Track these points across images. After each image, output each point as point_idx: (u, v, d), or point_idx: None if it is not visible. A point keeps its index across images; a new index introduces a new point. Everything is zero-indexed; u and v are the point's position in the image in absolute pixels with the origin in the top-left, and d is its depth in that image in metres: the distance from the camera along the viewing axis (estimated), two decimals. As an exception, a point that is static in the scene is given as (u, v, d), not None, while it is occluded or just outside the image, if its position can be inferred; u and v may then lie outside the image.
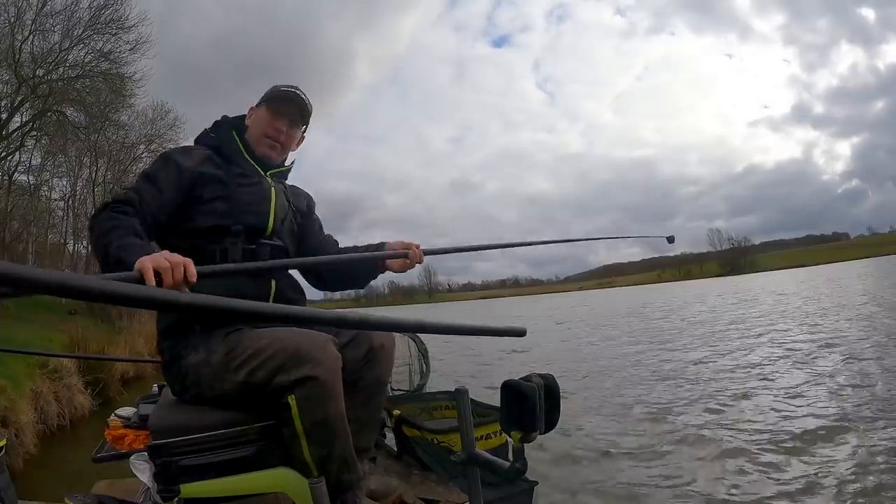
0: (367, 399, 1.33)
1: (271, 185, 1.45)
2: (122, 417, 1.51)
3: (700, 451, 3.88)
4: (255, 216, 1.37)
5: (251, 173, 1.43)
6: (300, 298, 1.44)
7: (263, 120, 1.47)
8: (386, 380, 1.41)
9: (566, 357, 9.25)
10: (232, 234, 1.32)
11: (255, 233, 1.36)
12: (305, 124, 1.53)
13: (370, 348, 1.32)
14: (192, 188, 1.33)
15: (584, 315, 16.13)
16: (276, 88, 1.49)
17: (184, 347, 1.26)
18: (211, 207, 1.33)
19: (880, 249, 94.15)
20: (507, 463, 0.93)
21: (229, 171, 1.39)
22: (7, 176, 13.18)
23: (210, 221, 1.32)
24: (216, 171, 1.37)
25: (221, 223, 1.32)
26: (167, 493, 1.15)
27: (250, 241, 1.34)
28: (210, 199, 1.33)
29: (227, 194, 1.35)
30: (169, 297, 0.44)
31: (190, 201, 1.33)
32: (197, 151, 1.41)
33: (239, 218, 1.34)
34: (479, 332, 0.79)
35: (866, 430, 3.77)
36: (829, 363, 6.32)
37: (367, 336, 1.33)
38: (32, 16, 11.92)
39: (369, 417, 1.36)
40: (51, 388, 5.91)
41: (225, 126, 1.49)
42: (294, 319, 0.54)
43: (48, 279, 0.36)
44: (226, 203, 1.34)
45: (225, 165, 1.40)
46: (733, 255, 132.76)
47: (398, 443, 2.08)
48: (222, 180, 1.36)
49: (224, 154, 1.42)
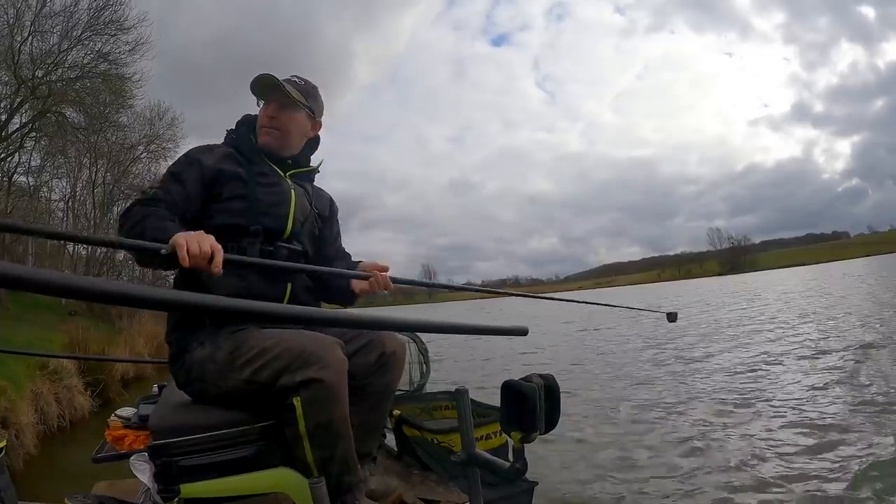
0: (374, 405, 1.33)
1: (291, 186, 1.44)
2: (122, 418, 1.51)
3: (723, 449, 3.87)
4: (274, 218, 1.37)
5: (270, 173, 1.42)
6: (314, 301, 1.44)
7: (261, 112, 1.47)
8: (395, 386, 1.40)
9: (585, 360, 9.06)
10: (250, 234, 1.33)
11: (273, 234, 1.36)
12: (299, 105, 1.44)
13: (382, 353, 1.32)
14: (213, 184, 1.34)
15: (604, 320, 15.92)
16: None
17: (191, 341, 1.27)
18: (230, 206, 1.34)
19: (880, 248, 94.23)
20: (507, 463, 0.93)
21: (250, 170, 1.39)
22: (7, 177, 13.17)
23: (228, 220, 1.32)
24: (236, 169, 1.38)
25: (240, 222, 1.33)
26: (167, 493, 1.15)
27: (269, 243, 1.34)
28: (229, 197, 1.34)
29: (245, 193, 1.35)
30: (171, 296, 0.44)
31: (210, 198, 1.34)
32: (218, 149, 1.42)
33: (257, 219, 1.34)
34: (481, 332, 0.79)
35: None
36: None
37: (379, 342, 1.32)
38: (31, 17, 11.91)
39: (375, 423, 1.36)
40: (51, 389, 5.91)
41: (244, 126, 1.48)
42: (293, 319, 0.54)
43: (48, 279, 0.36)
44: (244, 202, 1.34)
45: (246, 164, 1.40)
46: (733, 255, 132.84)
47: (398, 443, 2.09)
48: (242, 178, 1.37)
49: (243, 153, 1.42)
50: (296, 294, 1.36)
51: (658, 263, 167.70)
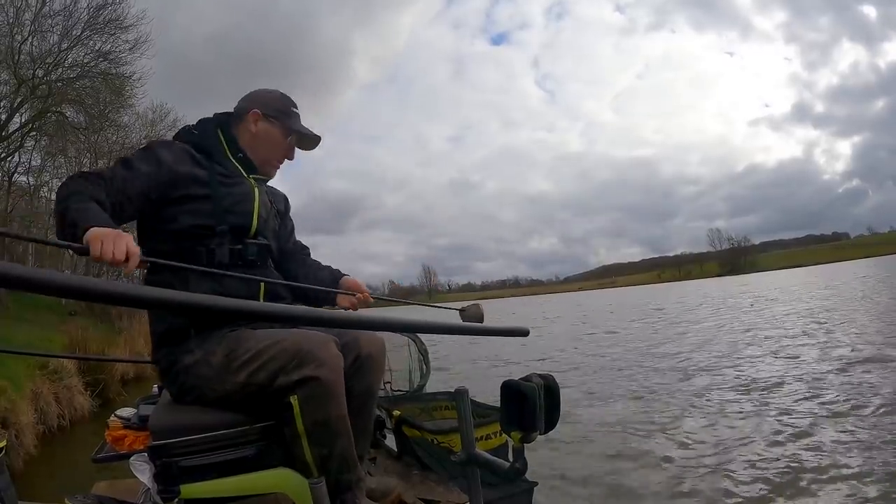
0: (358, 407, 1.31)
1: (254, 185, 1.43)
2: (122, 418, 1.51)
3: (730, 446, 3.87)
4: (240, 216, 1.36)
5: (233, 172, 1.41)
6: (289, 297, 1.43)
7: (280, 143, 1.47)
8: (376, 389, 1.39)
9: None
10: (217, 234, 1.31)
11: (239, 232, 1.35)
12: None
13: (357, 356, 1.30)
14: (171, 186, 1.30)
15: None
16: (296, 117, 1.49)
17: (181, 353, 1.25)
18: (194, 208, 1.31)
19: (880, 249, 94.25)
20: (507, 463, 0.93)
21: (211, 170, 1.37)
22: (7, 177, 13.17)
23: (193, 221, 1.30)
24: (197, 171, 1.34)
25: (205, 223, 1.31)
26: (167, 493, 1.15)
27: (236, 241, 1.34)
28: (192, 198, 1.31)
29: (209, 194, 1.33)
30: (171, 297, 0.44)
31: (171, 202, 1.30)
32: (178, 147, 1.38)
33: (223, 218, 1.33)
34: (482, 333, 0.79)
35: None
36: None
37: (355, 344, 1.30)
38: (31, 16, 11.89)
39: (362, 425, 1.35)
40: (51, 389, 5.91)
41: (210, 124, 1.46)
42: (293, 319, 0.54)
43: (48, 279, 0.36)
44: (209, 203, 1.32)
45: (207, 164, 1.37)
46: (733, 255, 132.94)
47: (398, 443, 2.09)
48: (203, 180, 1.34)
49: (205, 152, 1.39)
50: (271, 290, 1.36)
51: (658, 264, 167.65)
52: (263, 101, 1.48)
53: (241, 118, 1.46)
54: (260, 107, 1.46)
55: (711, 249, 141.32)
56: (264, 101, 1.47)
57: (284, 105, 1.48)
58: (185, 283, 1.25)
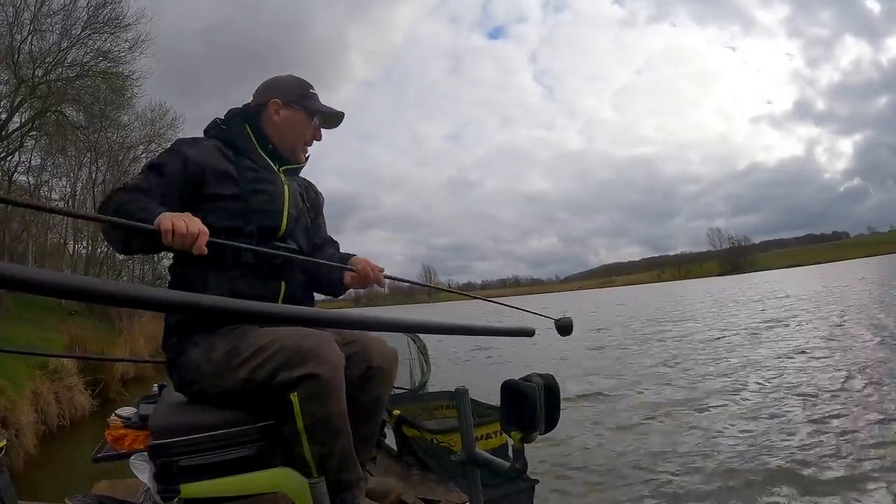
0: (364, 418, 1.30)
1: (284, 182, 1.41)
2: (122, 417, 1.51)
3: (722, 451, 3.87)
4: (268, 217, 1.34)
5: (264, 168, 1.39)
6: (309, 300, 1.43)
7: (304, 126, 1.44)
8: (384, 401, 1.37)
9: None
10: (245, 234, 1.30)
11: (268, 234, 1.33)
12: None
13: (368, 368, 1.29)
14: (201, 183, 1.30)
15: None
16: (315, 98, 1.46)
17: (187, 344, 1.26)
18: (222, 206, 1.29)
19: (879, 248, 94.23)
20: (507, 463, 0.93)
21: (240, 166, 1.35)
22: (7, 176, 13.16)
23: (221, 222, 1.27)
24: (227, 166, 1.33)
25: (233, 224, 1.29)
26: (167, 493, 1.15)
27: (264, 243, 1.31)
28: (221, 197, 1.30)
29: (238, 193, 1.31)
30: (171, 297, 0.44)
31: (200, 199, 1.29)
32: (206, 143, 1.37)
33: (251, 219, 1.31)
34: (487, 333, 0.79)
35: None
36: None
37: (366, 355, 1.29)
38: (30, 16, 11.90)
39: (368, 434, 1.34)
40: (51, 389, 5.91)
41: (238, 118, 1.43)
42: (291, 319, 0.54)
43: (48, 279, 0.36)
44: (237, 202, 1.31)
45: (236, 159, 1.36)
46: (733, 255, 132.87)
47: (398, 443, 2.09)
48: (233, 176, 1.33)
49: (235, 147, 1.38)
50: (292, 293, 1.35)
51: (658, 264, 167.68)
52: (281, 88, 1.44)
53: (262, 109, 1.43)
54: (279, 95, 1.42)
55: (712, 249, 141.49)
56: (282, 89, 1.44)
57: (302, 88, 1.45)
58: (205, 280, 1.25)
